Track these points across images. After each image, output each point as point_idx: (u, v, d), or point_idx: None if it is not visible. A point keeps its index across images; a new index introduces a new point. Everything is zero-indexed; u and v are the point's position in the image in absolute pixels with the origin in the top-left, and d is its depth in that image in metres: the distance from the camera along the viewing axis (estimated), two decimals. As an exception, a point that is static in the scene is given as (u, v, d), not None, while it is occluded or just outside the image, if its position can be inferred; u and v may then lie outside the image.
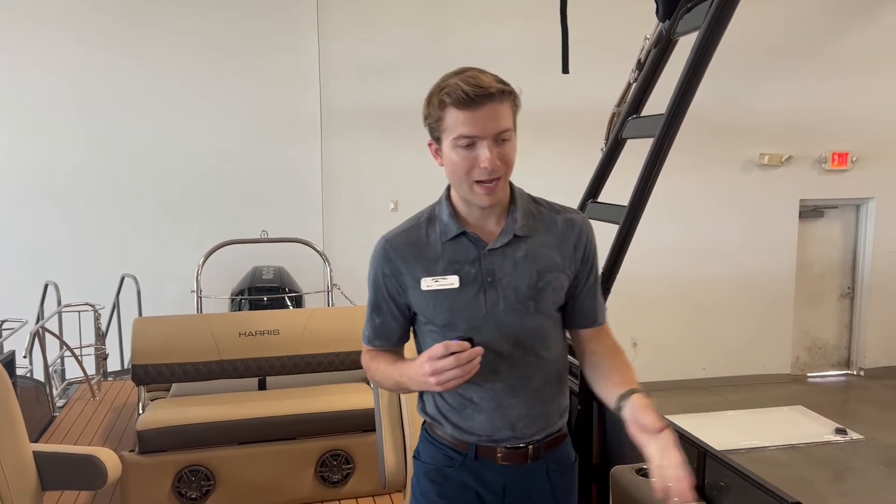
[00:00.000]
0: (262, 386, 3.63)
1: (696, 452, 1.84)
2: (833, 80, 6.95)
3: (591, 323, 1.70)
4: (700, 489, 1.82)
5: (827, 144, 7.07)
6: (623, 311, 3.17)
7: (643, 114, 2.45)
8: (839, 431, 5.83)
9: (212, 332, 3.43)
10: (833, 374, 7.51)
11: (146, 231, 6.06)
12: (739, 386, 6.95)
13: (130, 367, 3.46)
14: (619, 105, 2.57)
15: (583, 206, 2.79)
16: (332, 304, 4.79)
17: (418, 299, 1.61)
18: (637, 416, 1.46)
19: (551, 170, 5.58)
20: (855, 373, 7.50)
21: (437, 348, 1.44)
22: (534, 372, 1.62)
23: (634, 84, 2.40)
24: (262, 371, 3.48)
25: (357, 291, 5.07)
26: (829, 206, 7.34)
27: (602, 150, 2.73)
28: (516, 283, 1.58)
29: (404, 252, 1.61)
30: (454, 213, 1.61)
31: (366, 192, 6.20)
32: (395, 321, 1.67)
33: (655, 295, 6.77)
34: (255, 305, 4.75)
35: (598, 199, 2.79)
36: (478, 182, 1.49)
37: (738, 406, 6.56)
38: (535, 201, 1.68)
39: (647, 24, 2.33)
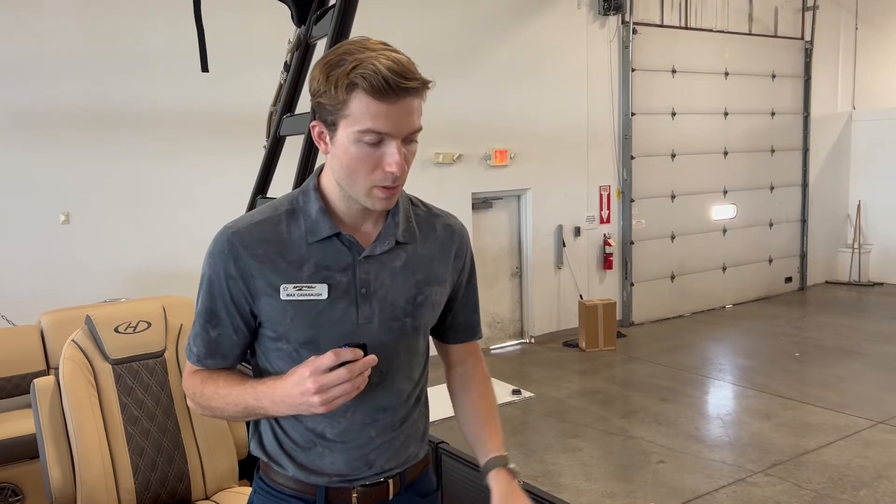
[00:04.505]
0: None
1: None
2: (492, 87, 7.88)
3: (470, 336, 1.56)
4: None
5: (490, 144, 7.97)
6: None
7: (296, 112, 2.64)
8: (515, 392, 6.65)
9: None
10: (511, 344, 8.52)
11: None
12: (433, 364, 7.55)
13: None
14: (274, 104, 2.72)
15: (252, 202, 2.90)
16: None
17: (272, 310, 1.32)
18: (505, 497, 1.39)
19: (231, 167, 5.59)
20: (527, 341, 8.60)
21: (326, 358, 1.19)
22: (399, 400, 1.42)
23: (285, 84, 2.57)
24: None
25: (20, 311, 4.60)
26: (495, 198, 8.31)
27: (265, 146, 2.86)
28: (393, 297, 1.36)
29: (258, 249, 1.31)
30: (326, 209, 1.34)
31: (30, 204, 5.59)
32: (238, 334, 1.37)
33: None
34: None
35: (267, 195, 2.92)
36: (378, 186, 1.26)
37: (434, 382, 7.10)
38: (412, 202, 1.46)
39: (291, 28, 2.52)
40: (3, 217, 5.49)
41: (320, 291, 1.30)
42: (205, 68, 2.38)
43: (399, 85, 1.18)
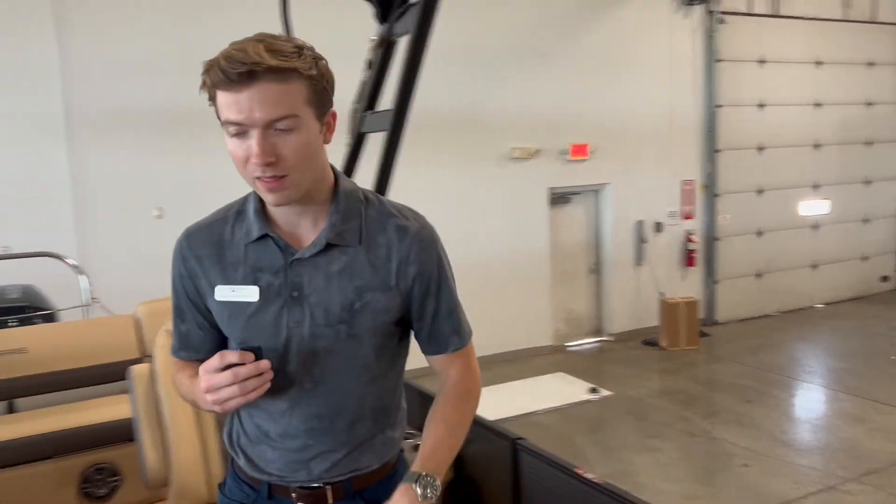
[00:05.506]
0: (11, 409, 3.38)
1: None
2: (571, 80, 7.77)
3: (440, 348, 1.43)
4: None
5: (568, 138, 7.87)
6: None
7: (378, 109, 2.68)
8: (592, 391, 6.57)
9: (-57, 356, 3.14)
10: (588, 342, 8.41)
11: None
12: (509, 360, 7.56)
13: None
14: (356, 101, 2.77)
15: (335, 198, 2.96)
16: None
17: (215, 309, 1.37)
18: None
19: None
20: (605, 338, 8.47)
21: (213, 360, 1.22)
22: (341, 409, 1.37)
23: (367, 81, 2.62)
24: (9, 393, 3.24)
25: (122, 304, 4.83)
26: (573, 193, 8.22)
27: (347, 144, 2.92)
28: (327, 302, 1.31)
29: (201, 251, 1.36)
30: (262, 209, 1.35)
31: (127, 199, 5.88)
32: (203, 329, 1.42)
33: (429, 284, 7.14)
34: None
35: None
36: (257, 177, 1.23)
37: (510, 378, 7.11)
38: (368, 201, 1.38)
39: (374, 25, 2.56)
40: (102, 212, 5.79)
41: (251, 293, 1.32)
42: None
43: (233, 70, 1.15)
